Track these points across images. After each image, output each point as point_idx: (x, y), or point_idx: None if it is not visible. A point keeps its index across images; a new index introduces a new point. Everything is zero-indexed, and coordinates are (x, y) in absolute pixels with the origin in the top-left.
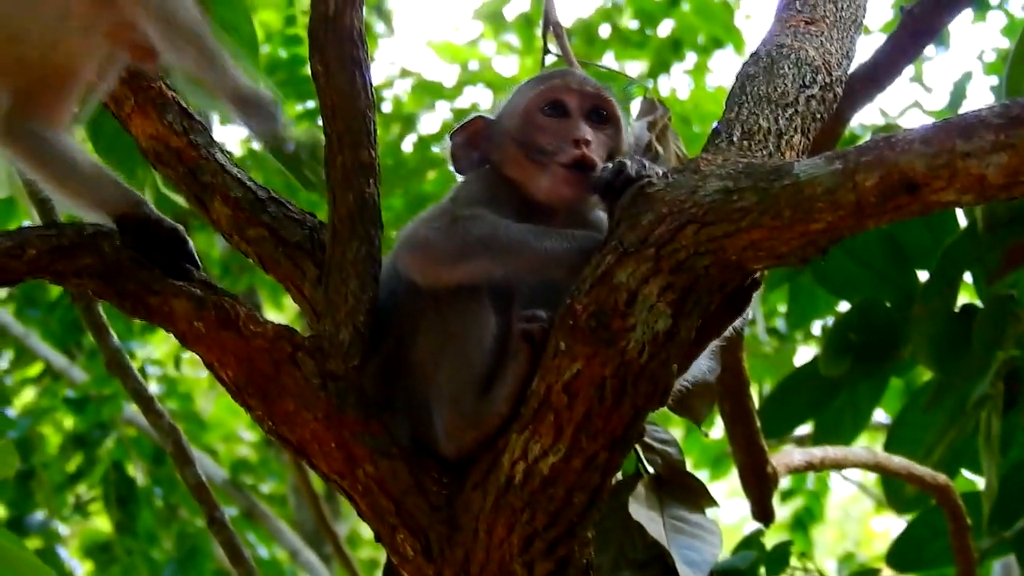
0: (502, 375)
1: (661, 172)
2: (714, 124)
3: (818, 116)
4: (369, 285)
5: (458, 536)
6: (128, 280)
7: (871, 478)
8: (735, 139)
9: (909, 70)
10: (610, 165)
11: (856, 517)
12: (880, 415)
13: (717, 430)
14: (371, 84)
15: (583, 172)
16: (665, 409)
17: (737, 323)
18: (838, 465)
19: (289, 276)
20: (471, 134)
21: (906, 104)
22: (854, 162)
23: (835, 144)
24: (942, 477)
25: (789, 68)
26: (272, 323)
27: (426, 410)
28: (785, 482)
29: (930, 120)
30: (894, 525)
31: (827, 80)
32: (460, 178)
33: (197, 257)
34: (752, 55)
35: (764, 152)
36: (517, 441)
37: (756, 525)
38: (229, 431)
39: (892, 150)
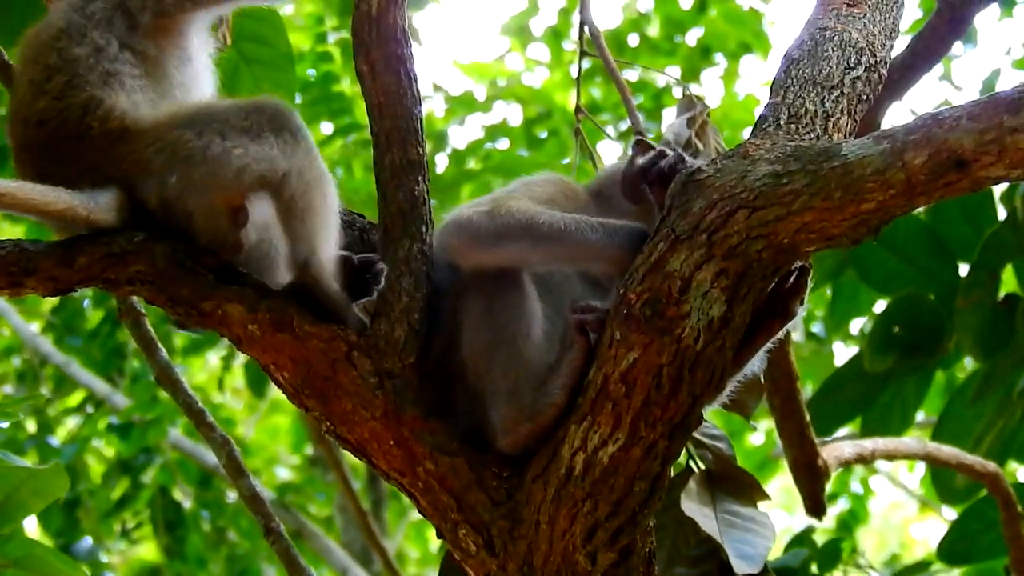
0: (558, 366)
1: (701, 163)
2: (760, 109)
3: (864, 97)
4: (422, 282)
5: (520, 529)
6: (181, 286)
7: (907, 480)
8: (782, 123)
9: (938, 68)
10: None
11: (896, 525)
12: (920, 415)
13: (759, 435)
14: (417, 81)
15: None
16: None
17: (789, 324)
18: (889, 456)
19: None
20: None
21: (936, 103)
22: (902, 141)
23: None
24: (992, 465)
25: (833, 50)
26: (326, 323)
27: (481, 406)
28: (828, 486)
29: None
30: (934, 532)
31: (872, 61)
32: None
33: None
34: (796, 39)
35: (811, 135)
36: (576, 432)
37: (792, 533)
38: (271, 455)
39: (940, 127)
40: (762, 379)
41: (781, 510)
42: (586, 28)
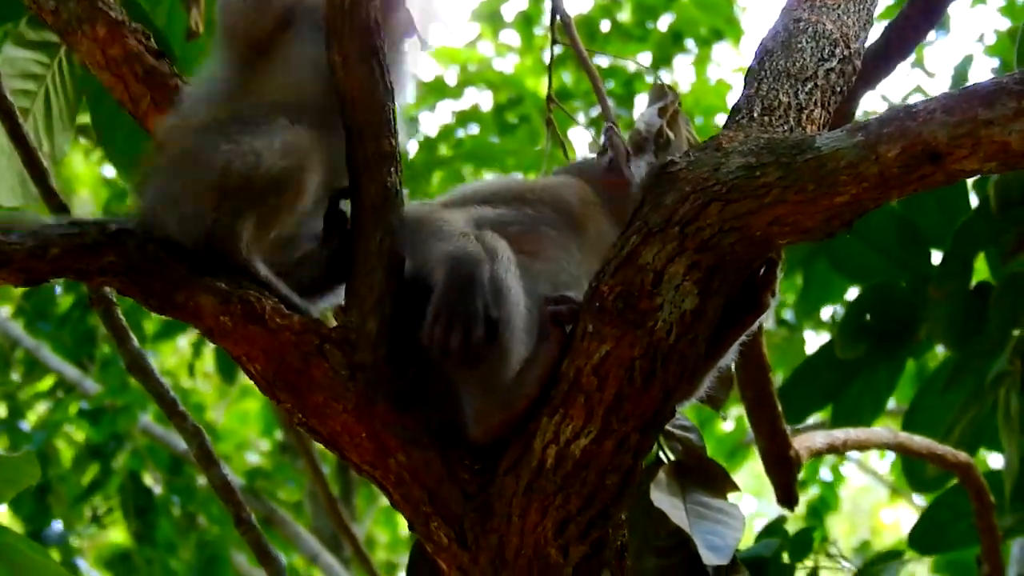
0: (532, 358)
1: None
2: (734, 101)
3: (838, 89)
4: (395, 275)
5: (492, 522)
6: (153, 277)
7: (877, 465)
8: (756, 115)
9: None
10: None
11: (866, 510)
12: (891, 403)
13: (729, 423)
14: (389, 74)
15: None
16: None
17: (762, 317)
18: (861, 446)
19: None
20: None
21: (908, 89)
22: (876, 133)
23: (847, 123)
24: (964, 455)
25: (807, 42)
26: (299, 315)
27: (454, 397)
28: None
29: None
30: (904, 516)
31: (846, 52)
32: None
33: None
34: (770, 30)
35: (785, 127)
36: (548, 425)
37: (766, 519)
38: (241, 440)
39: (914, 120)
40: (733, 370)
41: (751, 495)
42: (557, 16)
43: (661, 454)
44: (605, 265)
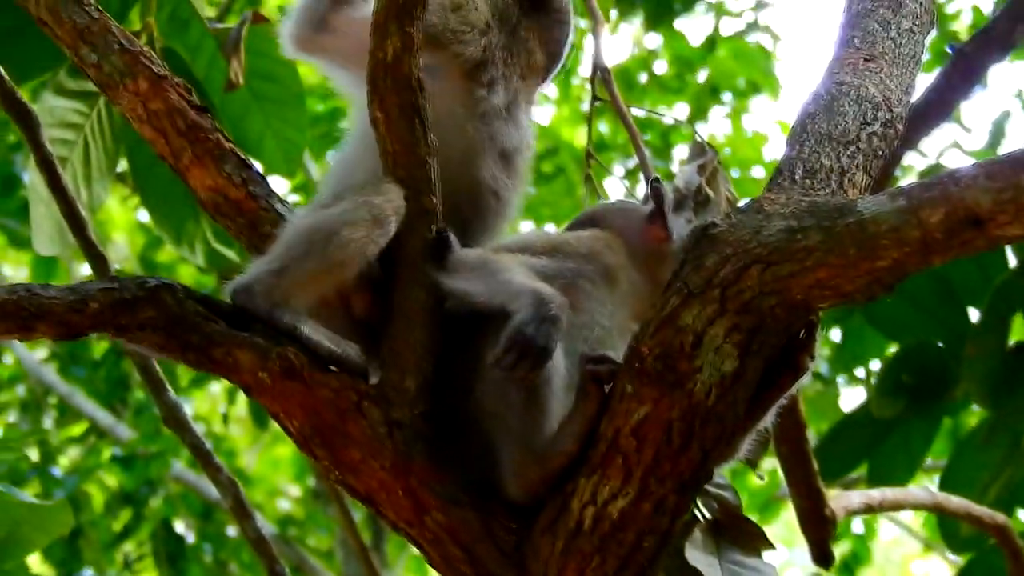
0: (570, 415)
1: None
2: (773, 158)
3: (880, 153)
4: (434, 332)
5: None
6: (192, 333)
7: (909, 518)
8: (797, 178)
9: None
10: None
11: (897, 561)
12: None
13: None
14: (430, 131)
15: None
16: None
17: (801, 380)
18: (897, 506)
19: None
20: None
21: (945, 144)
22: (918, 198)
23: (887, 182)
24: (1001, 517)
25: (850, 105)
26: (337, 372)
27: (492, 453)
28: None
29: (970, 160)
30: (934, 569)
31: (888, 117)
32: None
33: None
34: (812, 93)
35: (827, 190)
36: (586, 485)
37: (798, 568)
38: (272, 486)
39: (956, 185)
40: (768, 428)
41: (782, 544)
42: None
43: (697, 512)
44: (645, 326)
